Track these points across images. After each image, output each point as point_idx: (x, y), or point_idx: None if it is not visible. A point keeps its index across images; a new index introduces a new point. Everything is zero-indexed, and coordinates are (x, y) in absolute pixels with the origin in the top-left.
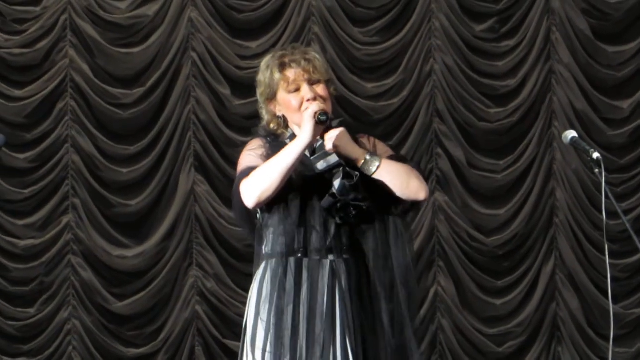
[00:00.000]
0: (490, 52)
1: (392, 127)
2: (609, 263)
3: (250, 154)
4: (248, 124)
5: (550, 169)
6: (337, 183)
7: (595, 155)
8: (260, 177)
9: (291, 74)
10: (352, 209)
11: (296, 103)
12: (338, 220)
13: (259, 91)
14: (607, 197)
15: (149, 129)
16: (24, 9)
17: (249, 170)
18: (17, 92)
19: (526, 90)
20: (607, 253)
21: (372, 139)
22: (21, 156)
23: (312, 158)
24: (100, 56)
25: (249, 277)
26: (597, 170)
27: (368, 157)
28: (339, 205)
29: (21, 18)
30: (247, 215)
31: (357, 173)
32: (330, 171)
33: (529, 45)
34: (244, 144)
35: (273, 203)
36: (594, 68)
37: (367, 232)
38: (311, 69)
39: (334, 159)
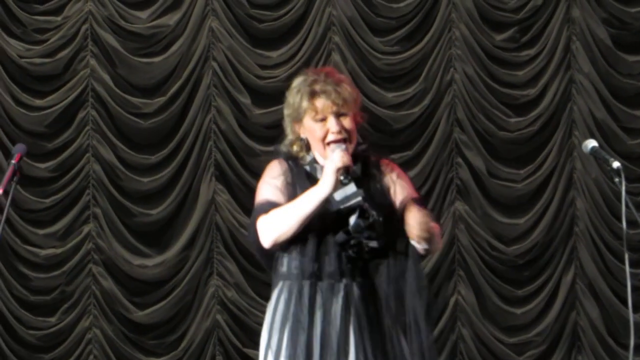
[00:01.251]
0: (511, 61)
1: (413, 137)
2: (629, 272)
3: (270, 184)
4: (268, 133)
5: (571, 178)
6: (352, 220)
7: (615, 164)
8: (279, 222)
9: (320, 103)
10: (365, 247)
11: (321, 133)
12: (351, 254)
13: (286, 111)
14: (627, 206)
15: (170, 138)
16: (45, 18)
17: (268, 207)
18: (38, 102)
19: (546, 99)
20: (627, 262)
21: (395, 168)
22: (42, 165)
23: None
24: (121, 66)
25: (270, 286)
26: (617, 180)
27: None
28: (352, 242)
29: (42, 28)
30: (267, 254)
31: (374, 213)
32: (348, 207)
33: (549, 54)
34: (264, 153)
35: (289, 243)
36: (614, 77)
37: (380, 264)
38: (340, 102)
39: (351, 189)
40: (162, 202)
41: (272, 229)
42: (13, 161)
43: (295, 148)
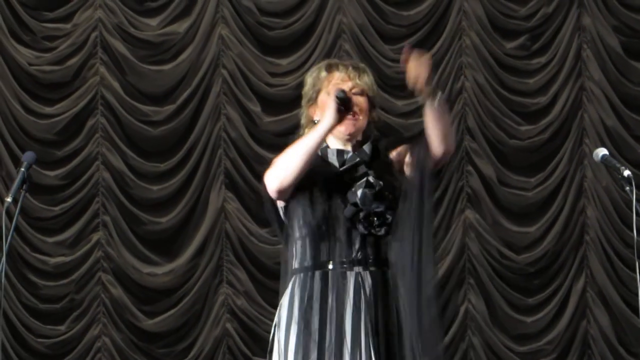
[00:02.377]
0: (521, 69)
1: None
2: None
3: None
4: (279, 141)
5: (581, 186)
6: (359, 192)
7: (626, 172)
8: (282, 163)
9: (336, 76)
10: (374, 218)
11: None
12: (362, 230)
13: (303, 93)
14: (638, 214)
15: (180, 146)
16: (55, 26)
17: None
18: (48, 109)
19: (557, 107)
20: (637, 270)
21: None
22: (51, 173)
23: (341, 169)
24: (130, 73)
25: (279, 295)
26: (627, 188)
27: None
28: (361, 214)
29: (52, 35)
30: (276, 211)
31: (380, 182)
32: (357, 181)
33: (560, 62)
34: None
35: (295, 196)
36: (624, 85)
37: (392, 243)
38: (357, 77)
39: (362, 169)
40: (171, 210)
41: (277, 171)
42: (22, 169)
43: (307, 131)
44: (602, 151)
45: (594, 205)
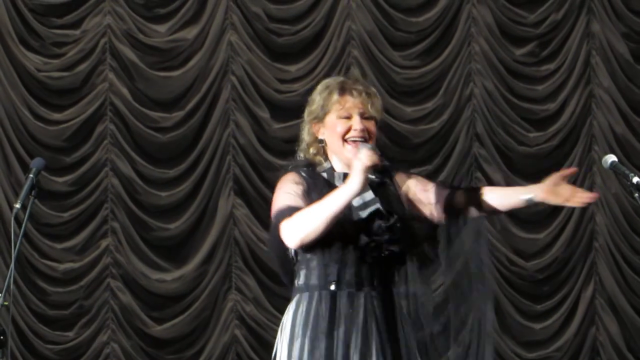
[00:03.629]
0: (530, 75)
1: (432, 151)
2: None
3: (288, 191)
4: (287, 148)
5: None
6: (375, 224)
7: (635, 179)
8: (306, 221)
9: (348, 101)
10: (384, 250)
11: (341, 129)
12: (369, 260)
13: (308, 109)
14: None
15: (188, 152)
16: (64, 32)
17: (290, 211)
18: (57, 116)
19: (566, 114)
20: None
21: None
22: (60, 179)
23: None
24: (139, 80)
25: (289, 301)
26: (636, 195)
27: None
28: (372, 245)
29: (60, 41)
30: (284, 253)
31: (395, 216)
32: (365, 208)
33: (569, 69)
34: (283, 168)
35: (310, 249)
36: (633, 92)
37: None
38: (369, 104)
39: (370, 195)
40: (180, 216)
41: (298, 228)
42: (31, 175)
43: (311, 151)
44: (611, 158)
45: (603, 212)
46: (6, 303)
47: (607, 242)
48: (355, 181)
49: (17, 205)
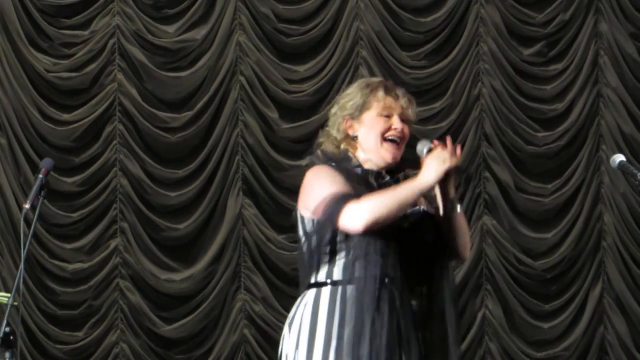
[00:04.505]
0: (538, 75)
1: None
2: None
3: (334, 180)
4: (296, 148)
5: (598, 192)
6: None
7: None
8: (379, 205)
9: (391, 100)
10: (419, 245)
11: (382, 128)
12: (398, 250)
13: (343, 106)
14: None
15: (197, 152)
16: (73, 32)
17: (347, 196)
18: (66, 116)
19: (574, 113)
20: None
21: None
22: (69, 180)
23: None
24: (148, 80)
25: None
26: None
27: (456, 199)
28: (409, 238)
29: (69, 42)
30: (328, 240)
31: (423, 208)
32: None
33: (577, 68)
34: (291, 168)
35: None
36: None
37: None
38: (410, 109)
39: (391, 184)
40: (189, 216)
41: (371, 211)
42: (40, 175)
43: (343, 146)
44: (619, 157)
45: (611, 212)
46: (16, 303)
47: (615, 241)
48: (435, 173)
49: (27, 206)
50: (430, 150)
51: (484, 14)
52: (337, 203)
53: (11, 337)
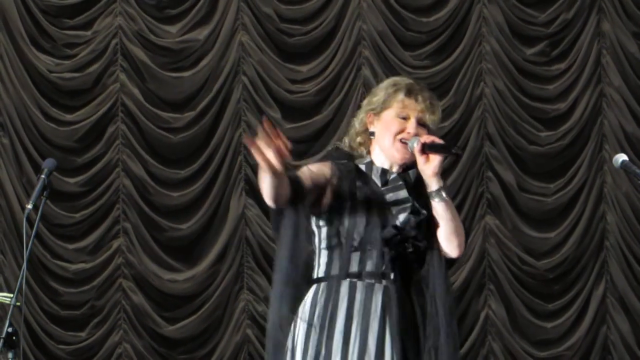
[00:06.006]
0: (541, 75)
1: None
2: None
3: (316, 163)
4: (298, 148)
5: (601, 192)
6: (402, 217)
7: None
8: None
9: (411, 103)
10: (409, 245)
11: (396, 128)
12: (392, 253)
13: (369, 99)
14: None
15: (200, 152)
16: (75, 33)
17: (297, 169)
18: (68, 116)
19: (577, 113)
20: None
21: None
22: (72, 180)
23: (383, 188)
24: (150, 80)
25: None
26: None
27: (443, 186)
28: (398, 238)
29: (72, 42)
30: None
31: (424, 212)
32: (397, 204)
33: (580, 68)
34: (295, 167)
35: (333, 207)
36: None
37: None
38: (428, 113)
39: (404, 194)
40: (192, 216)
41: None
42: (43, 176)
43: (358, 139)
44: (621, 157)
45: (614, 211)
46: (18, 303)
47: (618, 241)
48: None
49: (29, 206)
50: (421, 144)
51: (486, 13)
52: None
53: (14, 338)
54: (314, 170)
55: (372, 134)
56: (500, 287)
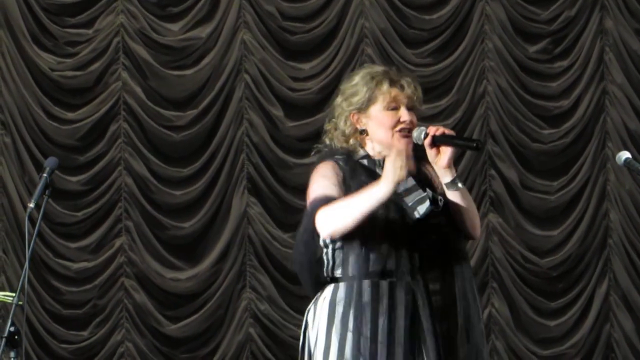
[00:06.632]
0: (544, 73)
1: None
2: None
3: (325, 180)
4: (301, 146)
5: (604, 190)
6: (422, 208)
7: None
8: (340, 214)
9: (396, 92)
10: (433, 234)
11: (390, 122)
12: (418, 246)
13: (349, 99)
14: None
15: (202, 151)
16: (77, 31)
17: (325, 200)
18: (70, 115)
19: (579, 111)
20: None
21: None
22: (74, 179)
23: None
24: (153, 78)
25: (303, 299)
26: None
27: (456, 175)
28: (421, 230)
29: (74, 40)
30: (312, 240)
31: (441, 198)
32: (409, 193)
33: (582, 65)
34: (297, 166)
35: (352, 238)
36: None
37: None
38: (415, 97)
39: (411, 181)
40: (194, 215)
41: (332, 221)
42: (45, 174)
43: (352, 142)
44: (624, 154)
45: (617, 209)
46: (20, 302)
47: (621, 238)
48: (389, 186)
49: (31, 205)
50: (426, 136)
51: (489, 11)
52: (312, 209)
53: (16, 337)
54: (337, 187)
55: (364, 131)
56: (503, 285)
